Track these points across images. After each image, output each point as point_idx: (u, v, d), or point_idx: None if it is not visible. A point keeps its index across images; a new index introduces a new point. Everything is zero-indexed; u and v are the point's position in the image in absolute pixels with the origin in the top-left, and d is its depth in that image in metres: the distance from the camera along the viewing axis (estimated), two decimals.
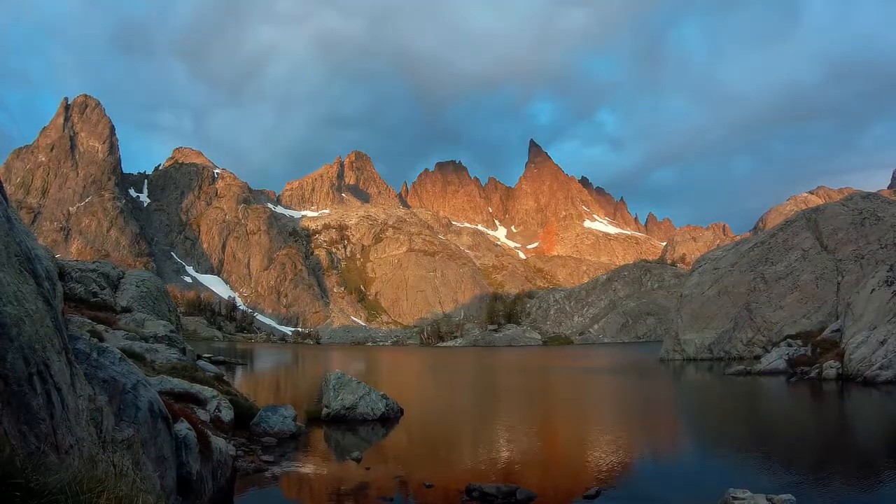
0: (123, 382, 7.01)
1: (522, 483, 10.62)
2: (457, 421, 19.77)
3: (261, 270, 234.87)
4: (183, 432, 8.21)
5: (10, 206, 5.97)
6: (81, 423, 5.30)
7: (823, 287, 42.94)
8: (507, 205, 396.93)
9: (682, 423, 19.04)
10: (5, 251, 5.09)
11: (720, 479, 10.31)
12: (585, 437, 16.30)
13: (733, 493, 8.64)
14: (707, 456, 13.67)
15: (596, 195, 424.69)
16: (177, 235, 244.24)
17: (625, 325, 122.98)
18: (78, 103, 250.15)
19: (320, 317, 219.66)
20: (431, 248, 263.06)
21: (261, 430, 14.87)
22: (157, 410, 7.35)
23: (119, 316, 28.59)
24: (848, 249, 43.94)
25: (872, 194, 50.32)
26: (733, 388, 27.83)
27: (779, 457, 12.91)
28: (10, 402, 4.37)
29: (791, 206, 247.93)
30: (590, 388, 30.76)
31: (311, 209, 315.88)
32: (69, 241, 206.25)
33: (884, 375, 24.56)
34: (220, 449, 9.68)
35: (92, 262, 38.24)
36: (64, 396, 5.05)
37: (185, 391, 14.00)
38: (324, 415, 17.81)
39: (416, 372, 44.94)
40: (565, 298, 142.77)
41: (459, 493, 10.23)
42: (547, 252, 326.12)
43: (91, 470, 4.55)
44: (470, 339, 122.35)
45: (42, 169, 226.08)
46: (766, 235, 52.13)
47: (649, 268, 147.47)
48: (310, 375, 38.77)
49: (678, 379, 35.30)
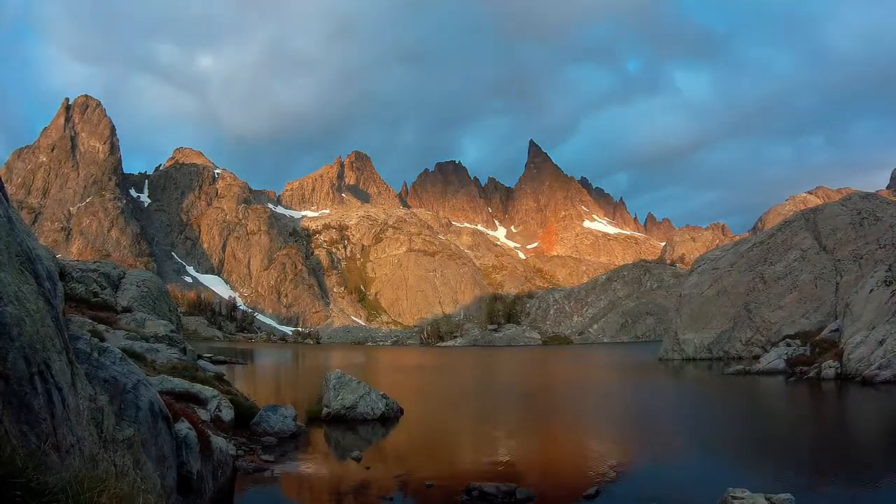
0: (124, 382, 7.04)
1: (522, 482, 10.64)
2: (457, 420, 19.78)
3: (261, 270, 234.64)
4: (183, 432, 8.24)
5: (11, 206, 5.99)
6: (82, 423, 5.31)
7: (822, 287, 42.97)
8: (507, 205, 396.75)
9: (681, 423, 19.04)
10: (6, 251, 5.10)
11: (719, 478, 10.33)
12: (585, 437, 16.33)
13: (732, 493, 8.64)
14: (706, 455, 13.68)
15: (595, 195, 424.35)
16: (177, 235, 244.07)
17: (624, 324, 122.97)
18: (79, 104, 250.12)
19: (320, 317, 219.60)
20: (431, 248, 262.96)
21: (261, 430, 14.89)
22: (158, 410, 7.37)
23: (120, 316, 28.60)
24: (847, 249, 43.96)
25: (871, 194, 50.30)
26: (732, 388, 27.83)
27: (778, 456, 12.94)
28: (10, 401, 4.37)
29: (790, 206, 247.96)
30: (589, 388, 30.76)
31: (312, 209, 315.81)
32: (70, 241, 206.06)
33: (882, 375, 24.58)
34: (221, 448, 9.71)
35: (93, 262, 38.26)
36: (65, 396, 5.06)
37: (185, 391, 14.02)
38: (324, 414, 17.84)
39: (416, 372, 44.93)
40: (565, 298, 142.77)
41: (459, 493, 10.24)
42: (546, 252, 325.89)
43: (92, 469, 4.56)
44: (469, 339, 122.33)
45: (43, 169, 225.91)
46: (764, 235, 52.15)
47: (649, 268, 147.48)
48: (310, 375, 38.76)
49: (677, 379, 35.31)
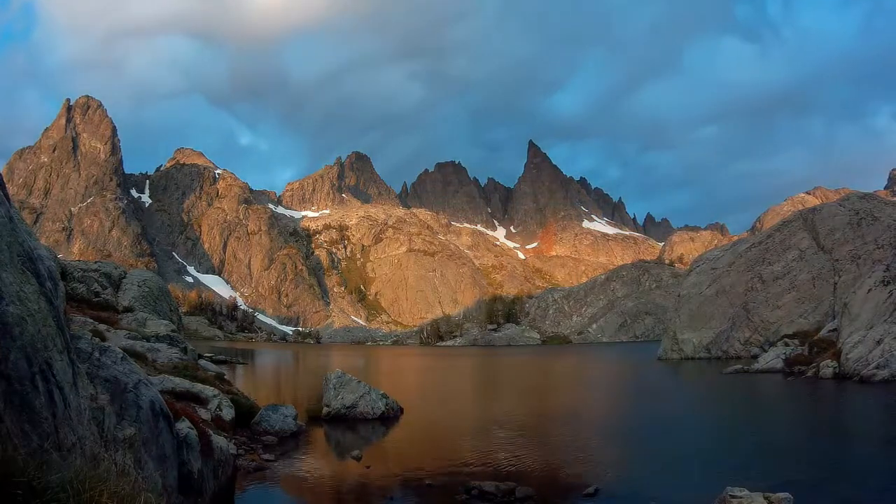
0: (125, 381, 7.07)
1: (522, 481, 10.69)
2: (456, 419, 19.82)
3: (261, 270, 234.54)
4: (184, 431, 8.27)
5: (13, 206, 6.02)
6: (83, 422, 5.33)
7: (820, 287, 43.01)
8: (506, 205, 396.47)
9: (680, 423, 19.09)
10: (8, 251, 5.12)
11: (717, 477, 10.36)
12: (584, 436, 16.36)
13: (731, 492, 8.66)
14: (704, 454, 13.71)
15: (594, 195, 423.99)
16: (178, 235, 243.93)
17: (623, 324, 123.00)
18: (80, 104, 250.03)
19: (321, 316, 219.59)
20: (431, 248, 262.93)
21: (262, 429, 14.93)
22: (159, 409, 7.40)
23: (121, 315, 28.63)
24: (845, 249, 43.98)
25: (869, 195, 50.31)
26: (731, 388, 27.86)
27: (776, 455, 12.97)
28: (12, 401, 4.40)
29: (788, 206, 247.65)
30: (588, 388, 30.82)
31: (312, 209, 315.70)
32: (71, 241, 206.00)
33: (880, 375, 24.60)
34: (222, 447, 9.74)
35: (94, 263, 38.25)
36: (66, 395, 5.08)
37: (186, 390, 14.06)
38: (324, 414, 17.88)
39: (416, 371, 44.96)
40: (564, 298, 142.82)
41: (459, 492, 10.28)
42: (546, 252, 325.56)
43: (93, 468, 4.56)
44: (469, 339, 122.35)
45: (44, 169, 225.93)
46: (763, 236, 52.20)
47: (647, 268, 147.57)
48: (310, 375, 38.79)
49: (676, 378, 35.36)
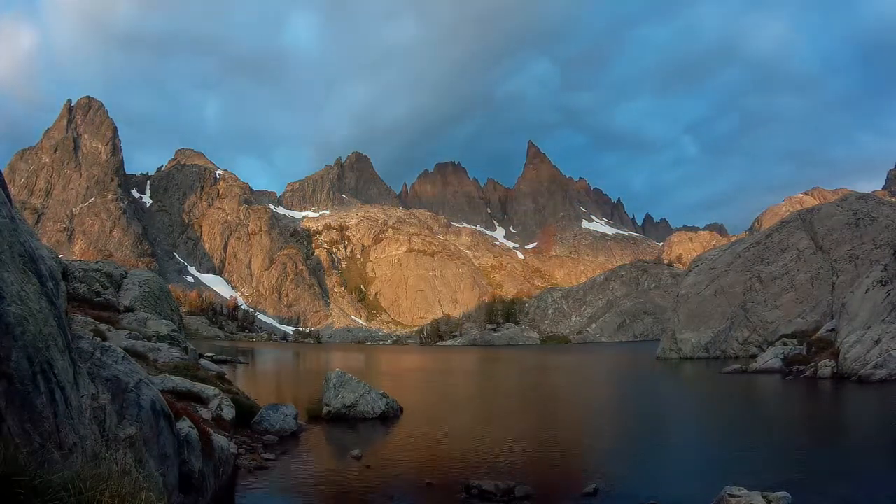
0: (126, 381, 7.10)
1: (521, 480, 10.71)
2: (456, 419, 19.84)
3: (262, 270, 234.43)
4: (185, 430, 8.30)
5: (14, 206, 6.05)
6: (84, 422, 5.35)
7: (818, 287, 43.04)
8: (506, 205, 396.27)
9: (679, 422, 19.13)
10: (9, 251, 5.13)
11: (716, 476, 10.39)
12: (583, 435, 16.40)
13: (729, 491, 8.70)
14: (703, 454, 13.75)
15: (594, 196, 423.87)
16: (179, 236, 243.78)
17: (622, 324, 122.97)
18: (81, 105, 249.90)
19: (321, 316, 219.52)
20: (431, 248, 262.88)
21: (262, 429, 14.96)
22: (160, 409, 7.43)
23: (122, 315, 28.62)
24: (843, 250, 44.02)
25: (867, 195, 50.35)
26: (729, 387, 27.89)
27: (774, 455, 13.00)
28: (13, 400, 4.41)
29: (787, 206, 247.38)
30: (587, 387, 30.86)
31: (312, 210, 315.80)
32: (72, 241, 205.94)
33: (878, 374, 24.65)
34: (222, 447, 9.78)
35: (95, 262, 38.13)
36: (67, 395, 5.10)
37: (187, 390, 14.08)
38: (324, 413, 17.90)
39: (416, 371, 44.98)
40: (563, 298, 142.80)
41: (459, 491, 10.31)
42: (545, 252, 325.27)
43: (94, 468, 4.58)
44: (469, 339, 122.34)
45: (46, 170, 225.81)
46: (761, 236, 52.24)
47: (646, 268, 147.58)
48: (310, 374, 38.82)
49: (674, 378, 35.39)
